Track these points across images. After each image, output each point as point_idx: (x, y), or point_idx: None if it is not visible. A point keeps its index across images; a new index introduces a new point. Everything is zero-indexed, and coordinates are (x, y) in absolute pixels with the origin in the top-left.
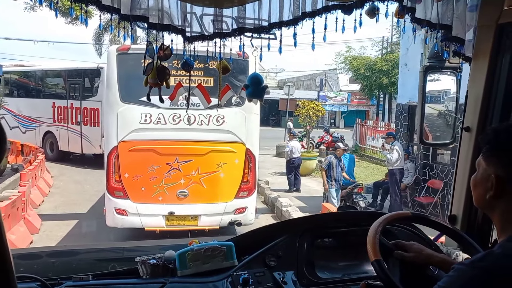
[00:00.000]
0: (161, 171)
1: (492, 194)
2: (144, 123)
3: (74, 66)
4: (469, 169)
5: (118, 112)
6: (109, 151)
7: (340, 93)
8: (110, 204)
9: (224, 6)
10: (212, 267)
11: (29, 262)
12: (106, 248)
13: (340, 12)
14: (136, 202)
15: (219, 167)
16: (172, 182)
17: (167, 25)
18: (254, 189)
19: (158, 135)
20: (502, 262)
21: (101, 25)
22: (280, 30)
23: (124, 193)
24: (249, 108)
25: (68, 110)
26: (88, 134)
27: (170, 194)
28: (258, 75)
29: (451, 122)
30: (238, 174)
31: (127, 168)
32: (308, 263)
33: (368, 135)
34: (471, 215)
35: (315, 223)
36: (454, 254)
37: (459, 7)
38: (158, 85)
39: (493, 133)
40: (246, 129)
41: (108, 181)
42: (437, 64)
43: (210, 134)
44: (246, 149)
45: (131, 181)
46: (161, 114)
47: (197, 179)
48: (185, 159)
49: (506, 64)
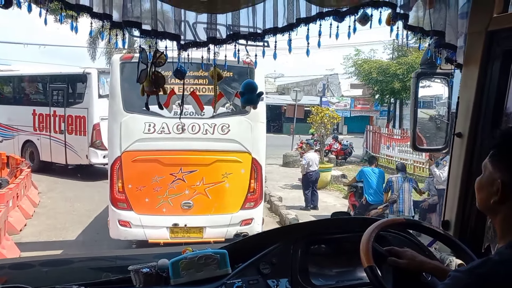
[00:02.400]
0: (165, 182)
1: (497, 199)
2: (147, 133)
3: (57, 71)
4: (461, 175)
5: (121, 121)
6: (113, 161)
7: (343, 99)
8: (114, 216)
9: (217, 11)
10: (205, 276)
11: (21, 271)
12: (99, 257)
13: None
14: (139, 214)
15: (224, 177)
16: (177, 193)
17: (161, 32)
18: (260, 200)
19: (162, 145)
20: (499, 269)
21: (91, 32)
22: (275, 36)
23: (127, 204)
24: (255, 116)
25: (51, 118)
26: (73, 143)
27: (175, 205)
28: (253, 82)
29: (442, 126)
30: (244, 184)
31: (130, 179)
32: (302, 270)
33: (382, 143)
34: (464, 220)
35: (309, 230)
36: (447, 260)
37: (451, 13)
38: (155, 92)
39: (501, 137)
40: (252, 138)
41: (112, 192)
42: (429, 70)
43: (215, 144)
44: (252, 159)
45: (135, 192)
46: (165, 123)
47: (202, 190)
48: (190, 169)
49: (496, 70)
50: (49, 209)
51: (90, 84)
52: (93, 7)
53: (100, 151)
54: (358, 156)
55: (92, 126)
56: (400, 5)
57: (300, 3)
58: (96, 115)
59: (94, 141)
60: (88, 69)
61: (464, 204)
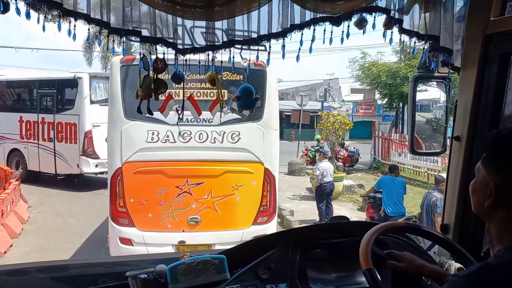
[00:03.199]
0: (170, 195)
1: (491, 202)
2: (151, 142)
3: (46, 76)
4: (460, 178)
5: (122, 129)
6: (113, 173)
7: (345, 103)
8: (114, 233)
9: (214, 19)
10: (204, 281)
11: (18, 278)
12: (96, 263)
13: (328, 24)
14: (142, 230)
15: (234, 190)
16: (183, 207)
17: (158, 38)
18: (274, 214)
19: (167, 155)
20: (497, 273)
21: (89, 38)
22: (269, 42)
23: (129, 220)
24: (268, 123)
25: (39, 125)
26: (63, 152)
27: (180, 220)
28: (249, 87)
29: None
30: (256, 197)
31: (132, 192)
32: (301, 275)
33: (393, 150)
34: (463, 224)
35: (307, 234)
36: (447, 264)
37: (447, 18)
38: (147, 97)
39: (492, 140)
40: (264, 146)
41: (112, 206)
42: (427, 74)
43: (225, 153)
44: (264, 169)
45: (137, 207)
46: (170, 131)
47: (210, 204)
48: (197, 181)
49: (494, 73)
50: (39, 226)
51: (81, 89)
52: (91, 13)
53: (92, 159)
54: (365, 163)
55: (83, 134)
56: (395, 9)
57: (295, 9)
58: (88, 122)
59: (85, 149)
60: (79, 73)
61: (463, 207)
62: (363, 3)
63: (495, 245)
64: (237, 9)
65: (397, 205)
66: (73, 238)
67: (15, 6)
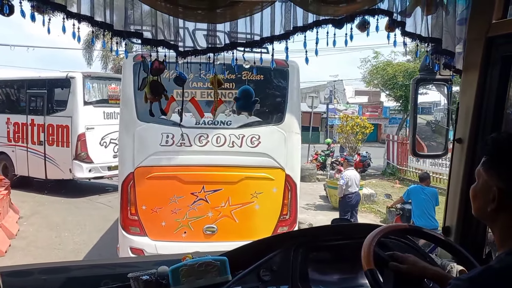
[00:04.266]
0: (184, 203)
1: (494, 207)
2: (165, 145)
3: (35, 76)
4: (462, 180)
5: (134, 132)
6: (124, 178)
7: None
8: (125, 242)
9: (216, 21)
10: (205, 283)
11: (20, 279)
12: (98, 264)
13: (331, 27)
14: (155, 240)
15: (253, 198)
16: (198, 215)
17: (160, 40)
18: (295, 224)
19: (182, 160)
20: (499, 277)
21: (93, 40)
22: (272, 44)
23: (141, 228)
24: (289, 126)
25: (28, 127)
26: (55, 156)
27: (196, 230)
28: (249, 88)
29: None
30: (276, 205)
31: (145, 199)
32: (303, 277)
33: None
34: (465, 226)
35: (309, 236)
36: (448, 266)
37: (449, 20)
38: (156, 99)
39: (493, 144)
40: (286, 151)
41: (123, 214)
42: (428, 77)
43: (243, 158)
44: (285, 176)
45: (150, 215)
46: (185, 134)
47: (228, 212)
48: (214, 188)
49: (495, 76)
50: (28, 242)
51: (74, 89)
52: (95, 16)
53: (86, 164)
54: (377, 167)
55: (76, 137)
56: (398, 12)
57: (297, 11)
58: (81, 124)
59: (78, 153)
60: (72, 72)
61: (465, 210)
62: (366, 6)
63: (498, 249)
64: (240, 11)
65: (428, 217)
66: (67, 256)
67: (20, 9)
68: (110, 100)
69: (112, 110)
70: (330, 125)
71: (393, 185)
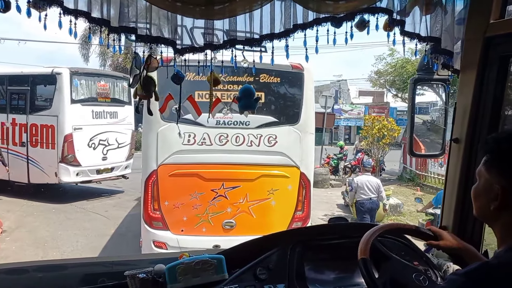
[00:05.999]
0: (205, 199)
1: (497, 205)
2: (187, 144)
3: (17, 71)
4: (458, 180)
5: (158, 131)
6: (148, 175)
7: (356, 106)
8: (148, 236)
9: (215, 18)
10: (202, 281)
11: (15, 277)
12: (95, 262)
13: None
14: (177, 234)
15: (270, 194)
16: (218, 211)
17: (156, 37)
18: (308, 220)
19: (203, 158)
20: (496, 272)
21: (90, 37)
22: (272, 42)
23: (163, 223)
24: (304, 127)
25: (9, 127)
26: (38, 158)
27: (215, 224)
28: (250, 87)
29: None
30: (292, 202)
31: (167, 195)
32: (299, 275)
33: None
34: (462, 226)
35: (306, 235)
36: (445, 266)
37: (447, 20)
38: (146, 97)
39: (494, 142)
40: (300, 150)
41: (146, 210)
42: (426, 76)
43: (261, 157)
44: (300, 174)
45: (172, 210)
46: (206, 133)
47: (246, 208)
48: (233, 184)
49: (493, 76)
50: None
51: (61, 86)
52: (91, 12)
53: (73, 167)
54: (391, 172)
55: (63, 138)
56: (397, 11)
57: (297, 9)
58: (68, 124)
59: (65, 155)
60: (58, 68)
61: (461, 209)
62: (365, 4)
63: (498, 247)
64: (239, 8)
65: None
66: None
67: (16, 4)
68: (99, 98)
69: (101, 109)
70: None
71: (414, 192)
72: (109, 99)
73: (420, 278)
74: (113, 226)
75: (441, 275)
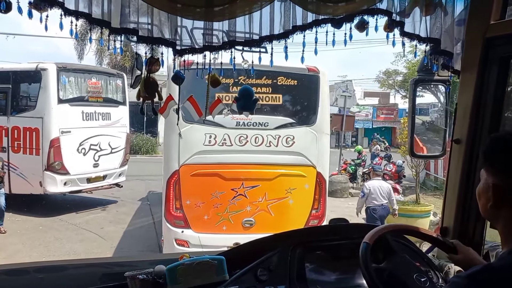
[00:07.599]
0: (225, 198)
1: (492, 203)
2: (208, 145)
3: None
4: (459, 181)
5: (180, 132)
6: (170, 175)
7: (364, 108)
8: (170, 235)
9: (215, 19)
10: (202, 282)
11: (16, 278)
12: (95, 263)
13: (330, 26)
14: (198, 232)
15: (288, 193)
16: (238, 209)
17: (157, 38)
18: (324, 218)
19: (224, 158)
20: (500, 275)
21: (91, 39)
22: (271, 43)
23: (185, 222)
24: (320, 127)
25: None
26: (21, 165)
27: (235, 223)
28: (249, 88)
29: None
30: (308, 200)
31: (189, 194)
32: (300, 277)
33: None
34: (463, 227)
35: (307, 236)
36: (446, 267)
37: (447, 21)
38: (149, 98)
39: (490, 142)
40: (317, 150)
41: (168, 209)
42: (427, 77)
43: (279, 157)
44: (317, 173)
45: (193, 209)
46: (227, 134)
47: (265, 206)
48: (252, 184)
49: (493, 77)
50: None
51: (47, 84)
52: (92, 13)
53: (60, 175)
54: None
55: (48, 142)
56: (397, 12)
57: (297, 10)
58: (55, 127)
59: (51, 162)
60: (43, 63)
61: (462, 210)
62: (364, 5)
63: (502, 247)
64: (239, 9)
65: None
66: None
67: (17, 5)
68: (90, 98)
69: (92, 110)
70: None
71: None
72: (101, 99)
73: (422, 279)
74: (110, 248)
75: (442, 277)
